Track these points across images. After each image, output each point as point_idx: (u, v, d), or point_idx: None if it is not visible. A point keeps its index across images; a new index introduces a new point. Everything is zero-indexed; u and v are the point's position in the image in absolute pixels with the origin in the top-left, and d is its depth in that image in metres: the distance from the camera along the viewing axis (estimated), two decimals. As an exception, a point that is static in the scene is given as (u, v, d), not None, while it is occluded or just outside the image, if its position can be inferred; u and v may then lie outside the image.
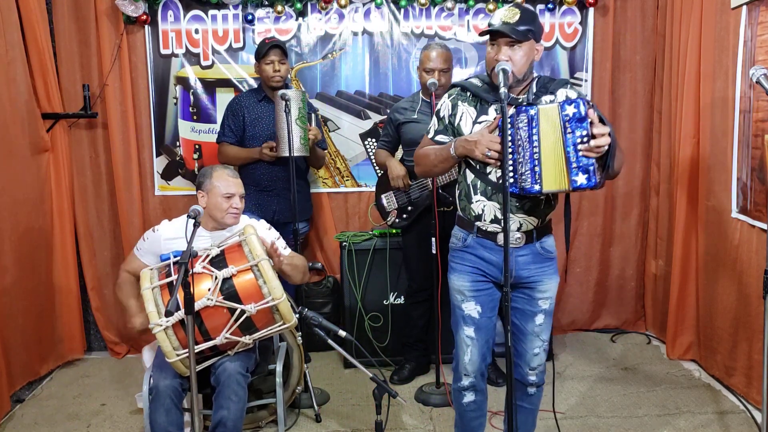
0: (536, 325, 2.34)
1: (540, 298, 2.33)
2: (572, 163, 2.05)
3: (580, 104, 2.04)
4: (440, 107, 2.35)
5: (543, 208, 2.28)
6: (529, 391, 2.41)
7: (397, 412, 3.20)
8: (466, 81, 2.35)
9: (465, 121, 2.28)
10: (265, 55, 3.44)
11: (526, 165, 2.10)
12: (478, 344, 2.35)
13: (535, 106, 2.10)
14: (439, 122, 2.35)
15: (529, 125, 2.08)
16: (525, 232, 2.26)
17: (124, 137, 3.90)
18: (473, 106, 2.29)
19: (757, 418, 3.00)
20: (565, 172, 2.06)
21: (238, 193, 2.75)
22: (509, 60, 2.15)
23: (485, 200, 2.25)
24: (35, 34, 3.55)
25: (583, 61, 4.05)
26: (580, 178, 2.05)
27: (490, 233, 2.27)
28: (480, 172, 2.25)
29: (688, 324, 3.70)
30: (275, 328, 2.48)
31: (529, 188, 2.10)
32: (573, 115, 2.04)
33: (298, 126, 3.24)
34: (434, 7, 3.95)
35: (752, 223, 3.07)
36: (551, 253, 2.34)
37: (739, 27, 3.11)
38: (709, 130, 3.43)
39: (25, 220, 3.50)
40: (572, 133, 2.04)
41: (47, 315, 3.70)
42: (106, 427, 3.17)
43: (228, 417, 2.43)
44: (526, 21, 2.15)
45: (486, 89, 2.27)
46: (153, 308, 2.34)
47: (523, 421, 2.46)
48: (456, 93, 2.33)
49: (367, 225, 4.09)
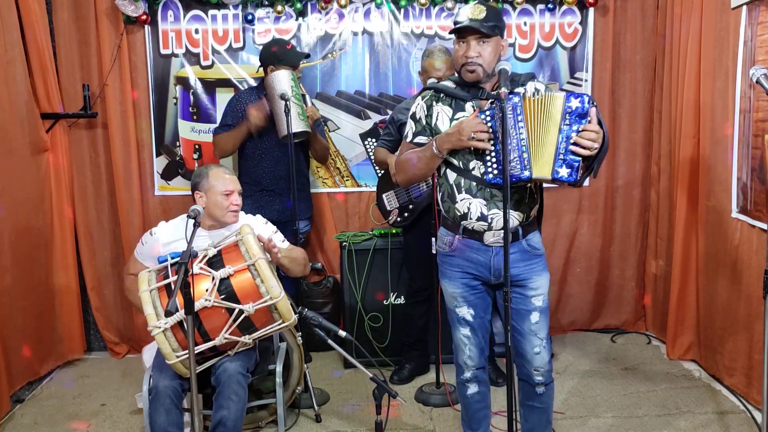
0: (532, 323, 2.35)
1: (532, 295, 2.35)
2: (560, 154, 2.08)
3: (585, 100, 2.05)
4: (415, 110, 2.38)
5: (527, 202, 2.31)
6: (538, 390, 2.41)
7: (397, 412, 3.20)
8: (439, 84, 2.40)
9: (442, 120, 2.31)
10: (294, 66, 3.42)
11: (514, 152, 2.12)
12: (474, 341, 2.41)
13: (518, 94, 2.14)
14: (416, 124, 2.37)
15: (513, 112, 2.10)
16: (510, 230, 2.25)
17: (124, 137, 3.90)
18: (448, 105, 2.32)
19: (757, 418, 3.00)
20: (550, 161, 2.09)
21: (237, 190, 2.76)
22: (479, 56, 2.20)
23: (470, 198, 2.26)
24: (35, 33, 3.55)
25: (583, 61, 4.04)
26: (563, 171, 2.08)
27: (476, 232, 2.29)
28: (463, 170, 2.27)
29: (688, 324, 3.70)
30: (274, 327, 2.48)
31: (518, 175, 2.12)
32: (575, 109, 2.06)
33: (295, 104, 3.21)
34: (434, 7, 3.95)
35: (752, 223, 3.07)
36: (539, 250, 2.37)
37: (739, 27, 3.11)
38: (709, 130, 3.42)
39: (24, 220, 3.50)
40: (569, 126, 2.07)
41: (47, 315, 3.70)
42: (106, 427, 3.17)
43: (228, 417, 2.43)
44: (493, 17, 2.21)
45: (460, 89, 2.31)
46: (151, 310, 2.34)
47: (537, 421, 2.47)
48: (429, 95, 2.36)
49: (367, 225, 4.09)
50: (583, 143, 2.07)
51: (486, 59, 2.21)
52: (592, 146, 2.07)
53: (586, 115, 2.05)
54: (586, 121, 2.05)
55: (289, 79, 3.23)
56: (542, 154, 2.10)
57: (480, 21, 2.18)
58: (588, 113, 2.06)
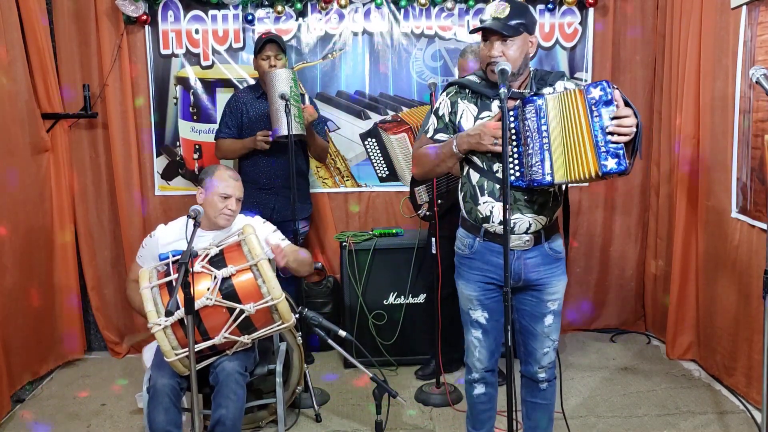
0: (545, 326, 2.34)
1: (549, 299, 2.32)
2: (600, 147, 1.97)
3: (606, 86, 1.97)
4: (439, 106, 2.31)
5: (551, 205, 2.25)
6: (542, 386, 2.41)
7: (397, 412, 3.20)
8: (464, 78, 2.31)
9: (466, 118, 2.25)
10: (260, 50, 3.43)
11: (536, 156, 2.05)
12: (486, 344, 2.37)
13: (542, 96, 2.06)
14: (439, 120, 2.31)
15: (537, 115, 2.04)
16: (533, 233, 2.23)
17: (125, 137, 3.90)
18: (473, 103, 2.25)
19: (757, 418, 3.00)
20: (593, 158, 1.98)
21: (235, 196, 2.74)
22: (503, 55, 2.11)
23: (493, 201, 2.20)
24: (35, 34, 3.55)
25: (582, 61, 4.05)
26: (610, 163, 1.98)
27: (498, 235, 2.22)
28: (487, 171, 2.21)
29: (687, 324, 3.70)
30: (274, 328, 2.48)
31: (540, 179, 2.06)
32: (599, 98, 1.97)
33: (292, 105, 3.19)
34: (434, 7, 3.95)
35: (752, 223, 3.07)
36: (560, 254, 2.32)
37: (739, 27, 3.11)
38: (709, 130, 3.42)
39: (25, 220, 3.50)
40: (599, 117, 1.97)
41: (47, 315, 3.70)
42: (106, 427, 3.17)
43: (227, 416, 2.43)
44: (517, 15, 2.11)
45: (485, 85, 2.23)
46: (152, 307, 2.34)
47: (540, 418, 2.47)
48: (454, 91, 2.29)
49: (367, 225, 4.10)
50: (621, 130, 1.96)
51: (511, 58, 2.11)
52: (630, 131, 1.97)
53: (612, 101, 1.96)
54: (613, 106, 1.96)
55: (289, 78, 3.22)
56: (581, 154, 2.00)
57: (502, 21, 2.09)
58: (613, 98, 1.97)
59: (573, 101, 2.01)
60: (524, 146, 2.07)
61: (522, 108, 2.07)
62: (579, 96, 2.00)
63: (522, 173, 2.12)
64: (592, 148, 1.98)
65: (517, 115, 2.10)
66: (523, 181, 2.12)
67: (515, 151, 2.13)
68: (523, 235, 2.23)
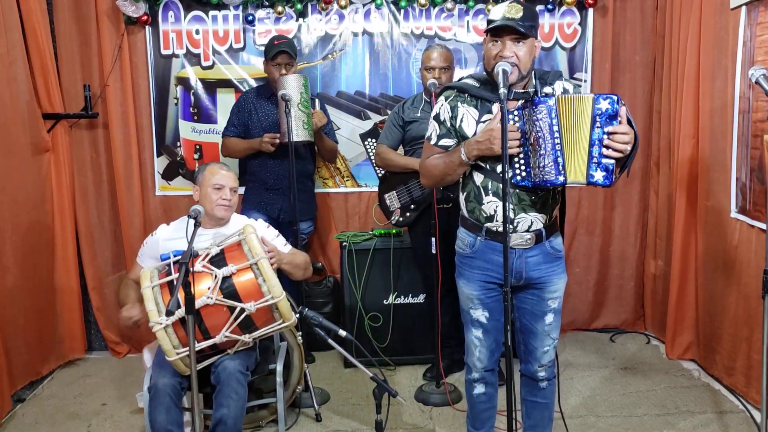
0: (546, 324, 2.35)
1: (549, 298, 2.33)
2: (593, 158, 2.02)
3: (614, 101, 2.00)
4: (439, 111, 2.30)
5: (551, 203, 2.26)
6: (541, 385, 2.42)
7: (397, 411, 3.21)
8: (461, 82, 2.31)
9: (467, 123, 2.24)
10: (273, 58, 3.46)
11: (549, 156, 2.05)
12: (486, 343, 2.38)
13: (552, 96, 2.07)
14: (441, 126, 2.29)
15: (549, 116, 2.04)
16: (535, 232, 2.24)
17: (125, 137, 3.91)
18: (473, 106, 2.24)
19: (756, 417, 3.00)
20: (583, 165, 2.02)
21: (229, 186, 2.75)
22: (514, 56, 2.11)
23: (498, 200, 2.21)
24: (36, 34, 3.55)
25: (582, 62, 4.05)
26: (598, 175, 2.02)
27: (500, 234, 2.22)
28: (490, 171, 2.21)
29: (687, 324, 3.71)
30: (275, 327, 2.49)
31: (553, 180, 2.06)
32: (605, 111, 2.00)
33: (300, 111, 3.24)
34: (434, 7, 3.96)
35: (751, 223, 3.08)
36: (560, 252, 2.34)
37: (739, 27, 3.12)
38: (709, 130, 3.43)
39: (26, 220, 3.50)
40: (600, 128, 2.01)
41: (48, 315, 3.71)
42: (106, 427, 3.17)
43: (228, 415, 2.43)
44: (529, 17, 2.12)
45: (485, 88, 2.23)
46: (153, 307, 2.35)
47: (540, 417, 2.48)
48: (453, 95, 2.28)
49: (367, 225, 4.10)
50: (616, 146, 2.00)
51: (522, 60, 2.12)
52: (625, 149, 2.01)
53: (616, 116, 1.99)
54: (616, 122, 1.99)
55: (300, 84, 3.26)
56: (575, 158, 2.03)
57: (516, 20, 2.08)
58: (618, 114, 2.00)
59: (580, 107, 2.03)
60: (532, 147, 2.07)
61: (532, 108, 2.07)
62: (588, 103, 2.02)
63: (529, 173, 2.12)
64: (586, 155, 2.03)
65: (522, 115, 2.10)
66: (529, 181, 2.13)
67: (521, 151, 2.13)
68: (525, 233, 2.24)
